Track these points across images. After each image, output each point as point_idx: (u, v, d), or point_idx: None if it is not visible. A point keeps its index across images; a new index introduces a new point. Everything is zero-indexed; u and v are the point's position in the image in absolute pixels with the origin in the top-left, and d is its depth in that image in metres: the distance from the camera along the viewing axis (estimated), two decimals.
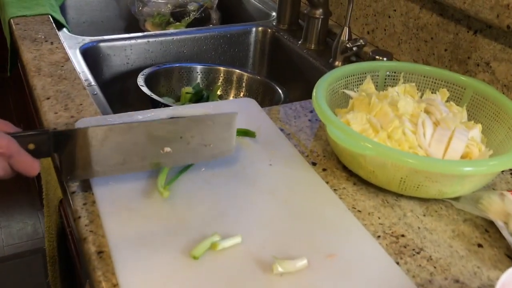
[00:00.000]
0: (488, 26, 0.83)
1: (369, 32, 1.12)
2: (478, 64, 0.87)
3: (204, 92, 1.10)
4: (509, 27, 0.77)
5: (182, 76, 1.11)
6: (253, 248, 0.56)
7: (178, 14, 1.42)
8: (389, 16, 1.05)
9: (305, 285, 0.52)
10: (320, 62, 1.10)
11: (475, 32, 0.86)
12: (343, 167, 0.72)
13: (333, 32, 1.18)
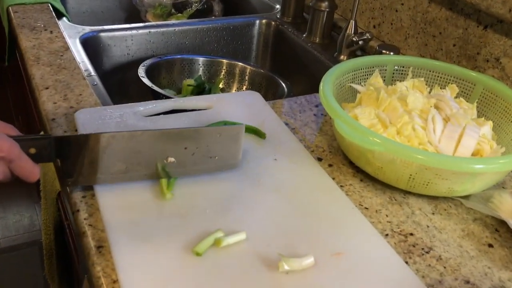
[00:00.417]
0: (499, 21, 0.81)
1: (375, 26, 1.10)
2: (487, 60, 0.85)
3: (206, 84, 1.08)
4: None
5: (183, 68, 1.08)
6: (257, 245, 0.54)
7: (180, 5, 1.39)
8: (396, 10, 1.03)
9: (311, 283, 0.51)
10: (325, 56, 1.08)
11: (485, 27, 0.84)
12: (350, 163, 0.70)
13: (338, 25, 1.16)
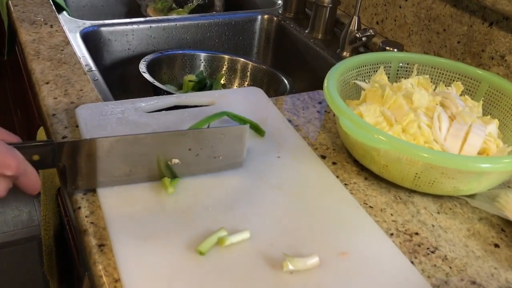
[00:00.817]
0: (505, 17, 0.81)
1: (378, 22, 1.09)
2: (492, 57, 0.84)
3: (207, 80, 1.07)
4: None
5: (185, 63, 1.07)
6: (261, 244, 0.53)
7: (181, 0, 1.38)
8: (400, 6, 1.02)
9: (316, 283, 0.50)
10: (327, 52, 1.07)
11: (491, 24, 0.84)
12: (354, 161, 0.69)
13: (341, 21, 1.15)
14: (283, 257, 0.51)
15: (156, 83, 0.89)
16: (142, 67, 0.95)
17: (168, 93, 0.87)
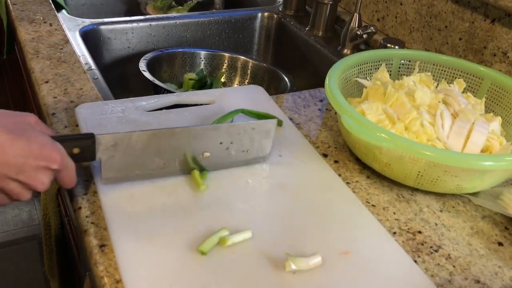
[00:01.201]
0: (507, 14, 0.80)
1: (379, 19, 1.08)
2: (494, 54, 0.84)
3: (207, 78, 1.06)
4: None
5: (185, 61, 1.07)
6: (263, 243, 0.53)
7: None
8: (400, 3, 1.01)
9: (319, 283, 0.49)
10: (328, 50, 1.06)
11: (493, 20, 0.83)
12: (356, 159, 0.69)
13: (341, 19, 1.14)
14: (286, 257, 0.51)
15: (156, 82, 0.89)
16: (142, 65, 0.94)
17: (169, 91, 0.86)
